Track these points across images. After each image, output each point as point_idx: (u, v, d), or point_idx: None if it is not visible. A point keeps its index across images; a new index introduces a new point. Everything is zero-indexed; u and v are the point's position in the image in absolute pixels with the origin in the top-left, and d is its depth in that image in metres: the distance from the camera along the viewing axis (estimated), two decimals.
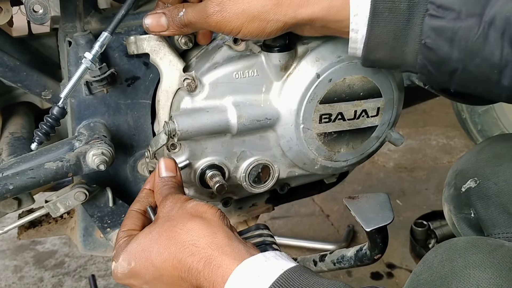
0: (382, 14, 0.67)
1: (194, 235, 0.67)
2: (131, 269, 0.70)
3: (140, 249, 0.70)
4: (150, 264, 0.69)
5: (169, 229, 0.69)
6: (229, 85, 0.84)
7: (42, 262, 1.92)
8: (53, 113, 0.79)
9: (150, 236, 0.70)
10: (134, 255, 0.70)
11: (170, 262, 0.67)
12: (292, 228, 2.09)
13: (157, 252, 0.68)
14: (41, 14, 0.74)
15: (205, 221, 0.68)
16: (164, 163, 0.79)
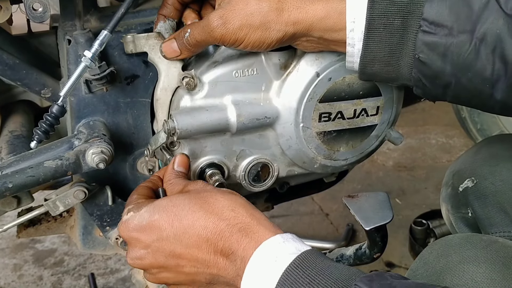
0: (377, 30, 0.70)
1: (232, 203, 0.68)
2: (152, 221, 0.69)
3: (171, 204, 0.69)
4: (178, 220, 0.68)
5: (206, 195, 0.69)
6: (229, 84, 0.84)
7: (42, 261, 1.92)
8: (52, 111, 0.79)
9: (185, 197, 0.70)
10: (162, 208, 0.69)
11: (202, 221, 0.67)
12: (291, 226, 2.09)
13: (190, 210, 0.68)
14: (41, 12, 0.74)
15: (241, 198, 0.71)
16: (179, 158, 0.80)
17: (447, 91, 0.71)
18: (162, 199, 0.72)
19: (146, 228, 0.69)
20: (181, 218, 0.68)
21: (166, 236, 0.68)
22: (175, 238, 0.68)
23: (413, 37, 0.69)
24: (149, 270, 0.72)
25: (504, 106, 0.69)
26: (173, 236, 0.68)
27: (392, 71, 0.73)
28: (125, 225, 0.71)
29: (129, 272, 1.23)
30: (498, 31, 0.65)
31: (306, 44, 0.78)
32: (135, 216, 0.70)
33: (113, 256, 1.91)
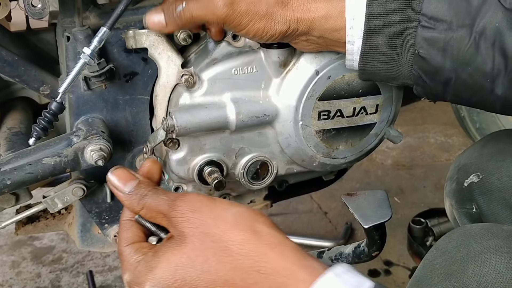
0: (376, 26, 0.70)
1: (256, 258, 0.56)
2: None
3: (178, 277, 0.58)
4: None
5: (218, 251, 0.57)
6: (228, 81, 0.84)
7: (40, 258, 1.92)
8: (51, 108, 0.79)
9: (190, 260, 0.58)
10: (169, 285, 0.58)
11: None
12: (290, 225, 2.10)
13: (208, 280, 0.57)
14: (40, 8, 0.73)
15: (261, 237, 0.58)
16: (115, 177, 0.65)
17: (447, 88, 0.70)
18: (162, 268, 0.59)
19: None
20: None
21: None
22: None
23: (413, 33, 0.68)
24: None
25: (505, 103, 0.69)
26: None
27: (392, 69, 0.72)
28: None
29: None
30: (497, 25, 0.65)
31: (305, 43, 0.78)
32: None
33: (111, 253, 1.91)
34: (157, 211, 0.62)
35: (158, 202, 0.62)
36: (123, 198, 0.64)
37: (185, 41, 0.87)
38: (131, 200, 0.63)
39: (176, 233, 0.60)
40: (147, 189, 0.64)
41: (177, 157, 0.87)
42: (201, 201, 0.61)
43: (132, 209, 0.64)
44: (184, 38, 0.87)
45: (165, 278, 0.58)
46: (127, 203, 0.64)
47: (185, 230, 0.59)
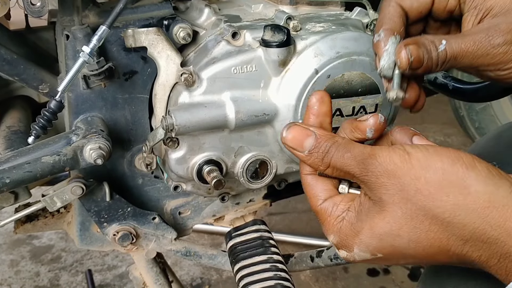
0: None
1: (473, 224, 0.50)
2: (377, 258, 0.57)
3: (385, 244, 0.55)
4: (408, 257, 0.56)
5: (426, 220, 0.53)
6: (227, 80, 0.84)
7: (39, 257, 1.92)
8: (50, 106, 0.79)
9: (395, 230, 0.54)
10: (379, 249, 0.56)
11: (443, 256, 0.54)
12: (289, 224, 2.10)
13: (418, 248, 0.54)
14: (39, 7, 0.73)
15: (477, 199, 0.51)
16: (290, 138, 0.61)
17: None
18: (366, 235, 0.56)
19: (374, 260, 0.58)
20: (415, 256, 0.55)
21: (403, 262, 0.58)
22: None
23: None
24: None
25: None
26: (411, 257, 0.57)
27: None
28: (348, 260, 0.60)
29: (126, 268, 1.22)
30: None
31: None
32: (353, 255, 0.59)
33: (110, 252, 1.91)
34: (345, 172, 0.58)
35: (345, 162, 0.57)
36: (304, 158, 0.60)
37: (184, 40, 0.87)
38: (313, 160, 0.59)
39: (373, 197, 0.56)
40: (328, 143, 0.59)
41: (176, 156, 0.87)
42: (395, 164, 0.54)
43: (316, 168, 0.60)
44: (183, 36, 0.87)
45: (372, 245, 0.56)
46: (310, 163, 0.60)
47: (383, 197, 0.55)
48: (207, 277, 1.84)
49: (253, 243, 0.92)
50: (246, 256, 0.90)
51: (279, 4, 0.94)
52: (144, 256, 1.03)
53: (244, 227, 0.96)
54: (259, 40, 0.84)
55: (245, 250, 0.91)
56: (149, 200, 1.00)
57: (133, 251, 1.01)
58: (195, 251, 1.04)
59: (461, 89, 0.95)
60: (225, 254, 1.03)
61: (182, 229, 1.06)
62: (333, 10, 0.96)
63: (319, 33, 0.86)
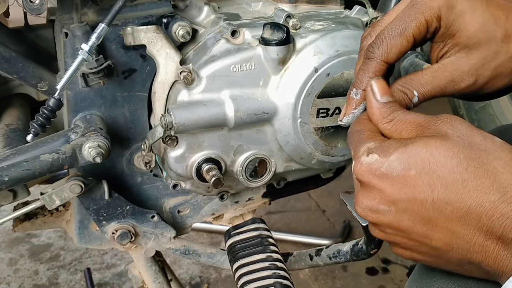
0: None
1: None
2: (407, 176, 0.55)
3: (433, 160, 0.54)
4: (442, 185, 0.53)
5: (480, 158, 0.53)
6: (227, 79, 0.84)
7: (38, 255, 1.92)
8: (49, 104, 0.79)
9: (452, 153, 0.53)
10: (420, 163, 0.54)
11: (476, 196, 0.52)
12: (288, 223, 2.10)
13: (461, 177, 0.53)
14: (38, 4, 0.73)
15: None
16: (379, 84, 0.63)
17: None
18: (418, 147, 0.55)
19: (396, 180, 0.55)
20: (448, 184, 0.53)
21: (422, 200, 0.54)
22: (434, 205, 0.54)
23: None
24: (381, 227, 0.60)
25: None
26: (431, 202, 0.54)
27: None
28: (367, 168, 0.57)
29: (125, 267, 1.22)
30: None
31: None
32: (383, 162, 0.56)
33: (109, 251, 1.91)
34: (409, 122, 0.58)
35: (414, 116, 0.59)
36: (376, 105, 0.61)
37: (183, 38, 0.87)
38: (383, 109, 0.61)
39: (435, 132, 0.56)
40: (400, 108, 0.61)
41: (176, 154, 0.87)
42: (469, 123, 0.57)
43: (379, 118, 0.61)
44: (182, 35, 0.87)
45: (417, 156, 0.54)
46: (378, 112, 0.61)
47: (448, 131, 0.55)
48: (206, 275, 1.84)
49: (252, 242, 0.92)
50: (245, 254, 0.90)
51: (279, 2, 0.94)
52: (143, 255, 1.03)
53: (243, 226, 0.96)
54: (258, 38, 0.84)
55: (244, 248, 0.91)
56: (148, 199, 1.00)
57: (132, 249, 1.01)
58: (194, 249, 1.04)
59: None
60: (224, 253, 1.03)
61: (181, 228, 1.05)
62: (332, 8, 0.96)
63: (319, 32, 0.86)
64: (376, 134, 0.61)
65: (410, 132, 0.58)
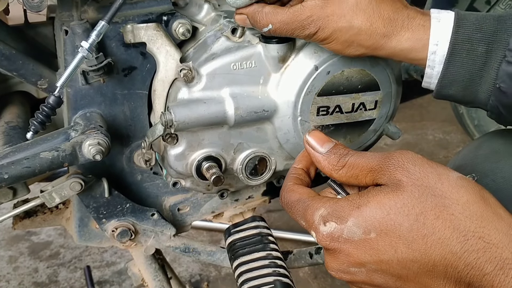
0: (459, 55, 0.69)
1: (481, 224, 0.52)
2: (368, 239, 0.55)
3: (389, 220, 0.54)
4: (404, 245, 0.53)
5: (438, 206, 0.53)
6: (227, 76, 0.83)
7: (37, 253, 1.92)
8: (48, 102, 0.79)
9: (405, 208, 0.53)
10: (377, 225, 0.54)
11: (437, 251, 0.52)
12: (288, 221, 2.09)
13: (419, 234, 0.53)
14: (38, 2, 0.73)
15: (490, 204, 0.53)
16: (312, 138, 0.63)
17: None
18: (373, 208, 0.54)
19: (359, 244, 0.55)
20: (409, 243, 0.53)
21: (388, 261, 0.55)
22: (400, 264, 0.54)
23: (496, 66, 0.68)
24: (357, 284, 0.60)
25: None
26: (396, 262, 0.54)
27: (468, 96, 0.72)
28: (328, 237, 0.56)
29: (125, 265, 1.22)
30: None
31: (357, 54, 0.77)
32: (342, 228, 0.55)
33: (109, 249, 1.91)
34: (361, 168, 0.58)
35: (364, 159, 0.58)
36: (320, 158, 0.61)
37: (183, 35, 0.87)
38: (330, 159, 0.60)
39: (389, 181, 0.56)
40: (346, 150, 0.61)
41: (176, 152, 0.87)
42: (422, 159, 0.56)
43: (330, 168, 0.61)
44: (183, 32, 0.87)
45: (373, 218, 0.54)
46: (325, 163, 0.61)
47: (402, 179, 0.55)
48: (206, 273, 1.84)
49: (252, 240, 0.92)
50: (245, 252, 0.90)
51: None
52: (143, 253, 1.03)
53: (243, 224, 0.96)
54: (258, 36, 0.84)
55: (244, 246, 0.91)
56: (148, 197, 1.00)
57: (132, 247, 1.01)
58: (194, 247, 1.04)
59: None
60: (224, 251, 1.03)
61: (181, 226, 1.05)
62: None
63: None
64: (316, 197, 0.60)
65: (366, 176, 0.58)
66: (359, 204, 0.56)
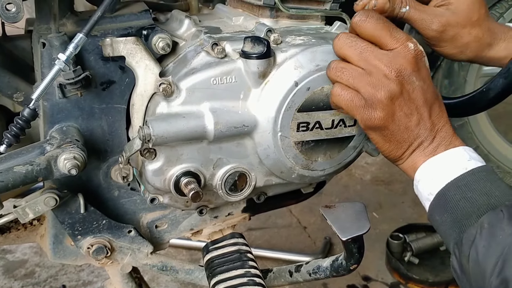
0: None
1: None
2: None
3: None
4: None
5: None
6: (207, 91, 0.83)
7: (12, 272, 1.87)
8: (23, 114, 0.77)
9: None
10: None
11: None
12: (269, 239, 2.08)
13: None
14: (14, 12, 0.72)
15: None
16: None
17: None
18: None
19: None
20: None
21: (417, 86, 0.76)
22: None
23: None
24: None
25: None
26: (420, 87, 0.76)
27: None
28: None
29: (101, 284, 1.19)
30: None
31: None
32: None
33: (86, 267, 1.87)
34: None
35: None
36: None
37: (163, 50, 0.86)
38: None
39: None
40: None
41: (154, 167, 0.85)
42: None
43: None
44: (162, 47, 0.86)
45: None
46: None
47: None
48: None
49: (230, 257, 0.91)
50: (223, 270, 0.89)
51: (260, 17, 0.94)
52: (119, 271, 1.00)
53: (221, 241, 0.95)
54: (239, 51, 0.84)
55: (223, 264, 0.89)
56: (125, 213, 0.98)
57: (108, 265, 0.98)
58: (171, 265, 1.02)
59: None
60: (203, 269, 1.01)
61: (158, 243, 1.03)
62: (313, 24, 0.96)
63: (299, 46, 0.86)
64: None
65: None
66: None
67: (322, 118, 0.87)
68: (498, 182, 0.73)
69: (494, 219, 0.67)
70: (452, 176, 0.73)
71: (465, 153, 0.76)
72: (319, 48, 0.86)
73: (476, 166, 0.74)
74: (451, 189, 0.73)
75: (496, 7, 1.85)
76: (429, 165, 0.76)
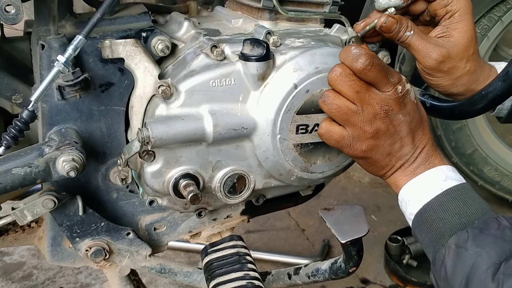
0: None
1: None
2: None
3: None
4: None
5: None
6: (206, 93, 0.83)
7: (9, 274, 1.86)
8: (22, 116, 0.77)
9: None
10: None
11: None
12: (267, 242, 2.08)
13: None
14: (13, 14, 0.72)
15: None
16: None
17: None
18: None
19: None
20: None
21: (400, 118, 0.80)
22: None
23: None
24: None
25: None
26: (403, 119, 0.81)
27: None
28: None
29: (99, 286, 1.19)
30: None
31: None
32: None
33: (83, 270, 1.87)
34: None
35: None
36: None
37: (162, 52, 0.86)
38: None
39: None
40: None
41: (152, 169, 0.85)
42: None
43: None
44: (162, 49, 0.86)
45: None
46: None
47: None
48: None
49: (229, 259, 0.91)
50: (222, 272, 0.88)
51: (259, 19, 0.94)
52: (118, 273, 1.00)
53: (220, 243, 0.95)
54: (238, 53, 0.84)
55: (221, 266, 0.89)
56: (123, 215, 0.98)
57: (106, 267, 0.98)
58: (170, 268, 1.02)
59: (438, 106, 0.96)
60: (201, 272, 1.01)
61: (157, 245, 1.03)
62: (312, 26, 0.97)
63: (298, 48, 0.86)
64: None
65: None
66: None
67: (321, 120, 0.86)
68: (470, 201, 0.77)
69: (460, 240, 0.72)
70: (428, 198, 0.78)
71: (442, 172, 0.80)
72: (318, 50, 0.86)
73: (451, 185, 0.78)
74: (427, 210, 0.78)
75: (495, 10, 1.85)
76: (409, 187, 0.82)
